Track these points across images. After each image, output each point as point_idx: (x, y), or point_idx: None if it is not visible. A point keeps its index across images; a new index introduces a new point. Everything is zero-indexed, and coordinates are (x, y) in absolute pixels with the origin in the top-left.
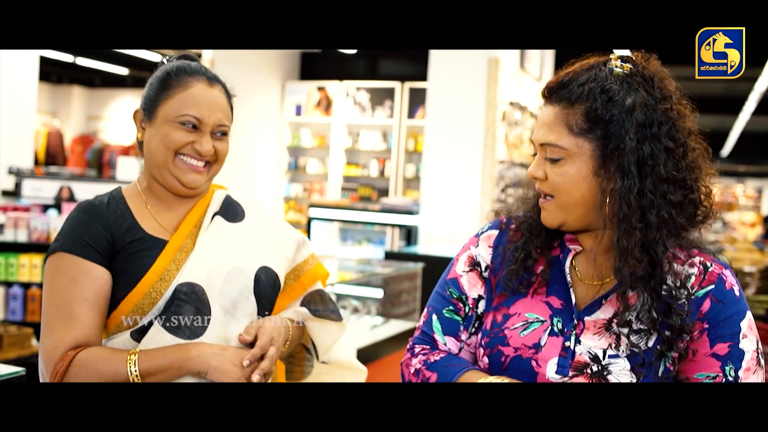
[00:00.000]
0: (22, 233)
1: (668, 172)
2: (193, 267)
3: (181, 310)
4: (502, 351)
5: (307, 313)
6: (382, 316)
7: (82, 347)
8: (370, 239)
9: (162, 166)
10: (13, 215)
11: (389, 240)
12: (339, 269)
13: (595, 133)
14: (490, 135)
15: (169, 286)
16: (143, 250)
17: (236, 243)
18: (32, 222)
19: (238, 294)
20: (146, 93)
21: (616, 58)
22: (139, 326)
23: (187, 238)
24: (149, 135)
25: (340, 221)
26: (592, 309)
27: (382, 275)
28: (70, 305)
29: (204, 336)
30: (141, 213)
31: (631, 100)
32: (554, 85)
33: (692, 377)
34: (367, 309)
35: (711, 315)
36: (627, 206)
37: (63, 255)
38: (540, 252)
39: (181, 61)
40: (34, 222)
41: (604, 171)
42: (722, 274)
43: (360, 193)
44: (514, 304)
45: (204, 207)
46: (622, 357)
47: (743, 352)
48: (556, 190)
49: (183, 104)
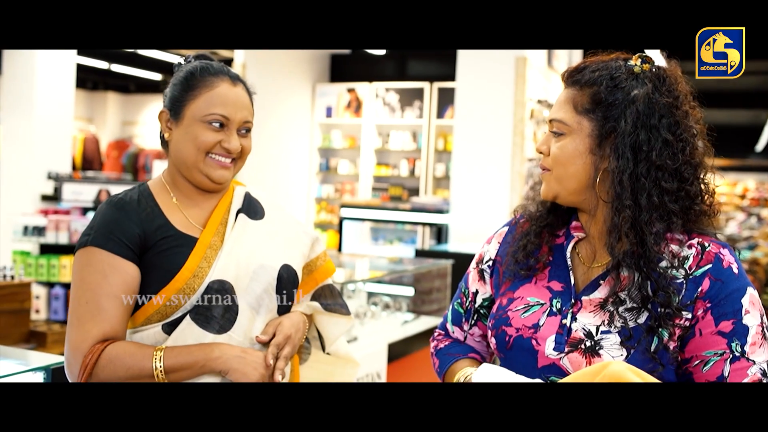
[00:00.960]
0: (63, 235)
1: (663, 160)
2: (224, 265)
3: (211, 306)
4: (506, 331)
5: (319, 307)
6: (413, 312)
7: (109, 341)
8: (401, 238)
9: (192, 166)
10: (54, 218)
11: (420, 239)
12: (371, 268)
13: (596, 114)
14: (519, 133)
15: (202, 282)
16: (175, 247)
17: (260, 241)
18: (72, 224)
19: (262, 291)
20: (171, 93)
21: (637, 57)
22: (171, 319)
23: (215, 236)
24: (177, 135)
25: (371, 221)
26: (589, 289)
27: (413, 273)
28: (99, 299)
29: (231, 330)
30: (169, 209)
31: (636, 91)
32: (571, 71)
33: (700, 354)
34: (398, 305)
35: (711, 294)
36: (620, 186)
37: (94, 249)
38: (544, 239)
39: (203, 61)
40: (75, 224)
41: (600, 150)
42: (719, 253)
43: (390, 193)
44: (519, 289)
45: (227, 203)
46: (613, 333)
47: (747, 327)
48: (554, 162)
49: (210, 103)
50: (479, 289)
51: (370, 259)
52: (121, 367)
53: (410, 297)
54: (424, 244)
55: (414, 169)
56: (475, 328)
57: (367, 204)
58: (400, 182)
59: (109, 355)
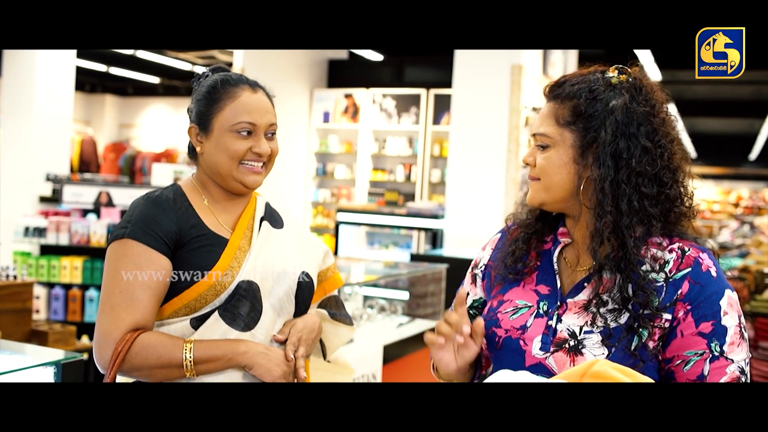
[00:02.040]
0: (63, 237)
1: (642, 167)
2: (252, 267)
3: (239, 304)
4: (495, 332)
5: (326, 315)
6: (408, 315)
7: (140, 330)
8: (397, 243)
9: (226, 175)
10: (54, 219)
11: (415, 243)
12: (366, 272)
13: (577, 126)
14: (514, 140)
15: (233, 281)
16: (207, 245)
17: (282, 248)
18: (73, 226)
19: (284, 294)
20: (196, 109)
21: (614, 68)
22: (199, 314)
23: (243, 239)
24: (209, 147)
25: (367, 225)
26: (574, 292)
27: (408, 277)
28: (133, 289)
29: (255, 329)
30: (202, 210)
31: (614, 102)
32: (552, 85)
33: (681, 354)
34: (393, 308)
35: (691, 296)
36: (602, 193)
37: (131, 242)
38: (532, 245)
39: (221, 74)
40: (75, 226)
41: (582, 159)
42: (699, 257)
43: (386, 198)
44: (508, 292)
45: (252, 210)
46: (595, 332)
47: (726, 328)
48: (541, 173)
49: (236, 113)
50: (470, 291)
51: (366, 263)
52: (153, 354)
53: (405, 300)
54: (419, 249)
55: (410, 174)
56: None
57: (363, 209)
58: (396, 187)
59: (142, 343)
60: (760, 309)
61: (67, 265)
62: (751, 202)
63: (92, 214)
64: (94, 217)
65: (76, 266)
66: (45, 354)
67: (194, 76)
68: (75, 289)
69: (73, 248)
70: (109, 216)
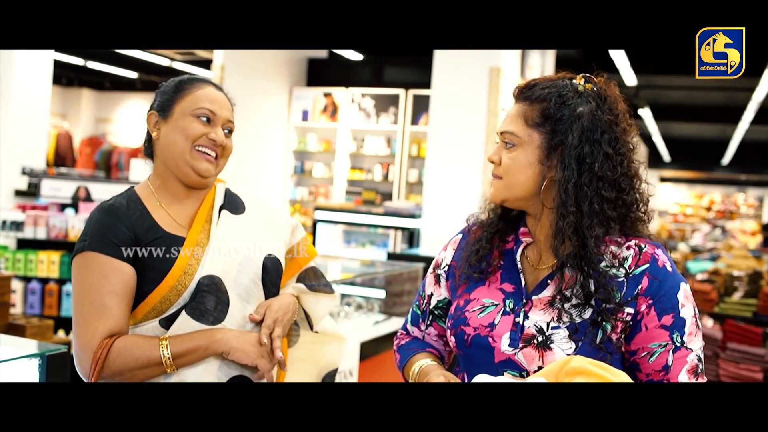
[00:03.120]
0: (41, 231)
1: (603, 172)
2: (212, 261)
3: (204, 300)
4: (464, 331)
5: (304, 288)
6: (385, 313)
7: (116, 336)
8: (374, 242)
9: (179, 157)
10: (32, 213)
11: (392, 242)
12: (343, 270)
13: (545, 128)
14: (491, 141)
15: (193, 279)
16: (164, 247)
17: (243, 235)
18: (51, 220)
19: (249, 282)
20: (160, 99)
21: (581, 77)
22: (167, 314)
23: (201, 233)
24: (165, 131)
25: (344, 224)
26: (538, 289)
27: (385, 275)
28: (102, 299)
29: (225, 321)
30: (157, 212)
31: (581, 108)
32: (522, 87)
33: (646, 347)
34: (370, 306)
35: (651, 291)
36: (564, 194)
37: (92, 254)
38: (495, 245)
39: (190, 74)
40: (53, 220)
41: (547, 161)
42: (655, 253)
43: (364, 197)
44: (474, 291)
45: (210, 201)
46: (562, 327)
47: (684, 319)
48: (505, 171)
49: (197, 99)
50: (434, 292)
51: (343, 261)
52: (131, 357)
53: (382, 299)
54: (395, 248)
55: (387, 174)
56: (431, 328)
57: (340, 207)
58: (374, 186)
59: (118, 348)
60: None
61: (45, 259)
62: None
63: (70, 209)
64: (72, 212)
65: (53, 260)
66: (29, 346)
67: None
68: (52, 283)
69: (51, 242)
70: (87, 211)
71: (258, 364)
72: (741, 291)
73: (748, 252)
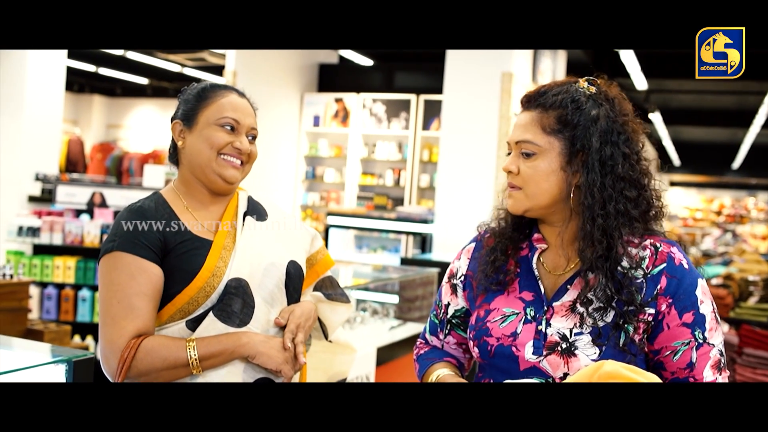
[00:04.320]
0: (57, 236)
1: (625, 172)
2: (239, 264)
3: (231, 302)
4: (487, 341)
5: (321, 296)
6: (399, 319)
7: (143, 336)
8: (385, 247)
9: (205, 165)
10: (48, 219)
11: (403, 248)
12: (355, 276)
13: (564, 134)
14: (503, 146)
15: (221, 281)
16: (192, 249)
17: (268, 240)
18: (67, 226)
19: (274, 286)
20: (184, 107)
21: (584, 80)
22: (193, 316)
23: (227, 237)
24: (191, 141)
25: (356, 229)
26: (559, 295)
27: (398, 281)
28: (130, 299)
29: (250, 324)
30: (184, 215)
31: (596, 112)
32: (533, 95)
33: (670, 345)
34: (385, 311)
35: (671, 290)
36: (591, 197)
37: (120, 254)
38: (509, 253)
39: (211, 81)
40: (69, 226)
41: (570, 167)
42: (671, 252)
43: (375, 202)
44: (494, 301)
45: (234, 207)
46: (585, 333)
47: (704, 315)
48: (526, 181)
49: (222, 108)
50: (451, 301)
51: (355, 267)
52: (158, 358)
53: (396, 304)
54: (407, 253)
55: (399, 179)
56: (450, 337)
57: (352, 212)
58: (385, 192)
59: (146, 348)
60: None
61: (60, 264)
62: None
63: (85, 215)
64: (87, 218)
65: (69, 266)
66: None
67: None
68: (68, 288)
69: (66, 248)
70: (102, 217)
71: (282, 369)
72: (756, 296)
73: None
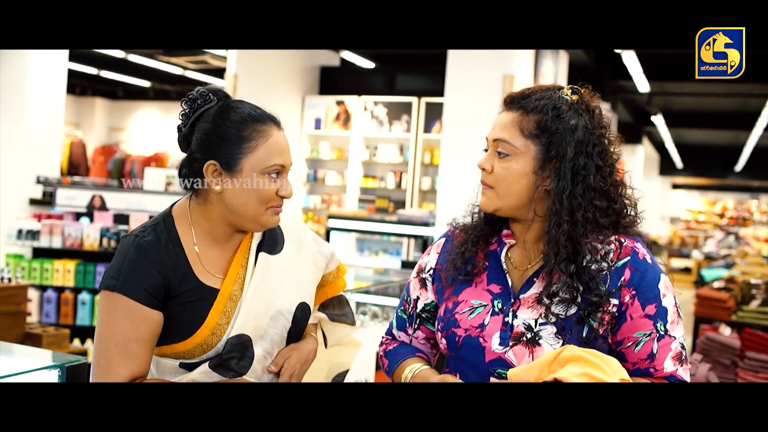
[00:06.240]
0: (56, 240)
1: (596, 183)
2: (244, 318)
3: (228, 357)
4: (455, 332)
5: (326, 318)
6: None
7: (138, 379)
8: (387, 250)
9: (252, 218)
10: (48, 222)
11: (405, 250)
12: (357, 278)
13: (541, 140)
14: None
15: (221, 340)
16: (195, 300)
17: (278, 282)
18: (66, 229)
19: (277, 335)
20: (224, 148)
21: (568, 88)
22: (188, 362)
23: (235, 284)
24: (233, 189)
25: (357, 232)
26: (525, 288)
27: (400, 284)
28: (128, 344)
29: (246, 375)
30: (193, 256)
31: (575, 122)
32: (516, 96)
33: (632, 336)
34: (385, 315)
35: (634, 282)
36: (559, 204)
37: (121, 297)
38: (479, 246)
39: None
40: (68, 229)
41: (542, 172)
42: (634, 246)
43: (377, 205)
44: (462, 293)
45: (248, 242)
46: (549, 324)
47: (666, 308)
48: (498, 181)
49: (269, 154)
50: (420, 295)
51: (356, 270)
52: None
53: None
54: (408, 256)
55: (400, 181)
56: (419, 332)
57: (354, 215)
58: (387, 194)
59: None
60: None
61: (60, 268)
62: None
63: (85, 218)
64: (87, 221)
65: (69, 269)
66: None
67: (189, 97)
68: (67, 292)
69: (66, 251)
70: (102, 220)
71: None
72: (759, 299)
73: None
